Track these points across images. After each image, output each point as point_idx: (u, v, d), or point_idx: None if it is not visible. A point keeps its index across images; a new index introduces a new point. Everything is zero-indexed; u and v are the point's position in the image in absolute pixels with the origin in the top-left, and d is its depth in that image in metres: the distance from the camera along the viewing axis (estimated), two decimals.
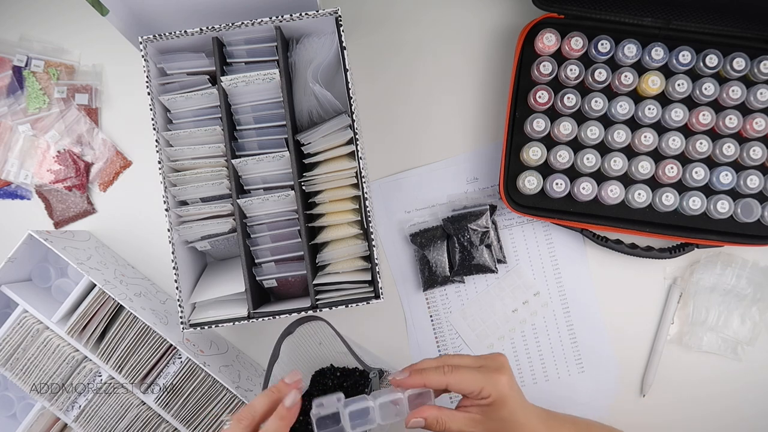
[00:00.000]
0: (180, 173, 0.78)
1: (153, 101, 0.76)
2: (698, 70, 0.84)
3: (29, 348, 0.80)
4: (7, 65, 0.91)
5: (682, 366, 0.90)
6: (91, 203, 0.92)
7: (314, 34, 0.81)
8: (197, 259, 0.85)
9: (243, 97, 0.78)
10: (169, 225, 0.76)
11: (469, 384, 0.63)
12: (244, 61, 0.79)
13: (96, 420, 0.81)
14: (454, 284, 0.91)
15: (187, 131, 0.77)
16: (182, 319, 0.76)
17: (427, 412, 0.62)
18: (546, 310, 0.91)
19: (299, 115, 0.82)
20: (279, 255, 0.79)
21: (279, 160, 0.77)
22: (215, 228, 0.79)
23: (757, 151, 0.82)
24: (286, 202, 0.78)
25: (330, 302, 0.75)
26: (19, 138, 0.91)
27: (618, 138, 0.83)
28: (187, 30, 0.75)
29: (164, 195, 0.76)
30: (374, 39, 0.92)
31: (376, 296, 0.75)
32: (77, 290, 0.79)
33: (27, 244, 0.80)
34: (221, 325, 0.75)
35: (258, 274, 0.79)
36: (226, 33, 0.76)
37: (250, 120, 0.79)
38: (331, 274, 0.77)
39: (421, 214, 0.91)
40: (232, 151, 0.77)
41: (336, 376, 0.78)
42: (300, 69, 0.81)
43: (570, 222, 0.86)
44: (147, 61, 0.76)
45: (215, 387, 0.81)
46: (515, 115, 0.86)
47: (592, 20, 0.84)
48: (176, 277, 0.75)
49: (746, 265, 0.89)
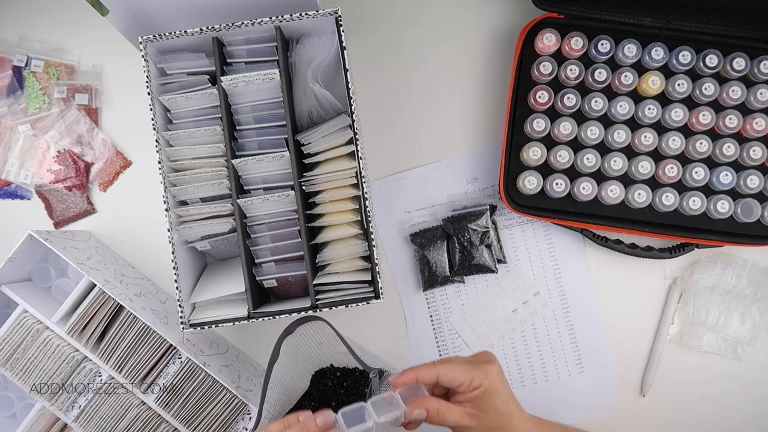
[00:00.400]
0: (180, 173, 0.78)
1: (153, 101, 0.76)
2: (698, 70, 0.84)
3: (29, 348, 0.80)
4: (7, 65, 0.91)
5: (682, 366, 0.90)
6: (91, 203, 0.92)
7: (314, 34, 0.81)
8: (197, 259, 0.85)
9: (243, 97, 0.78)
10: (169, 225, 0.76)
11: (459, 374, 0.63)
12: (244, 61, 0.79)
13: (96, 420, 0.81)
14: (454, 284, 0.91)
15: (187, 131, 0.77)
16: (182, 319, 0.76)
17: (429, 403, 0.62)
18: (546, 310, 0.91)
19: (299, 115, 0.82)
20: (279, 255, 0.79)
21: (279, 160, 0.77)
22: (215, 228, 0.79)
23: (757, 151, 0.82)
24: (286, 202, 0.78)
25: (330, 302, 0.75)
26: (19, 138, 0.91)
27: (618, 138, 0.83)
28: (187, 30, 0.75)
29: (164, 195, 0.76)
30: (374, 39, 0.92)
31: (376, 296, 0.75)
32: (77, 290, 0.79)
33: (27, 244, 0.80)
34: (221, 325, 0.75)
35: (258, 274, 0.79)
36: (226, 33, 0.77)
37: (250, 120, 0.79)
38: (331, 274, 0.77)
39: (421, 214, 0.91)
40: (232, 151, 0.77)
41: (336, 376, 0.78)
42: (300, 69, 0.81)
43: (570, 222, 0.86)
44: (147, 61, 0.76)
45: (215, 387, 0.81)
46: (515, 115, 0.86)
47: (592, 20, 0.84)
48: (176, 277, 0.75)
49: (746, 265, 0.89)
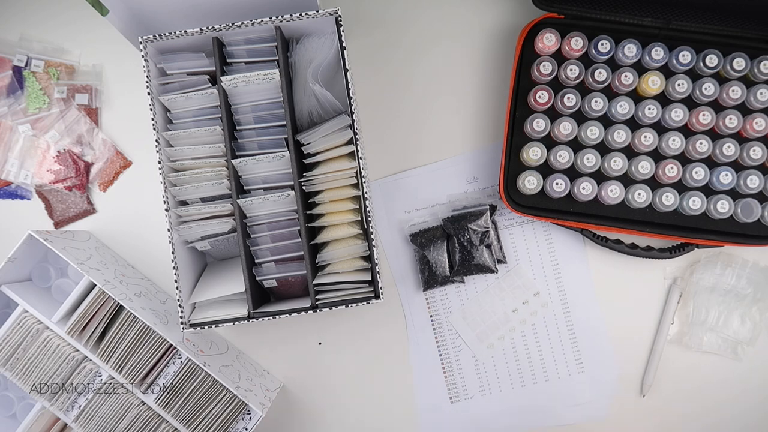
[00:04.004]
0: (180, 173, 0.78)
1: (153, 101, 0.76)
2: (698, 70, 0.84)
3: (29, 348, 0.80)
4: (7, 65, 0.91)
5: (682, 366, 0.90)
6: (91, 203, 0.92)
7: (314, 34, 0.81)
8: (197, 259, 0.85)
9: (243, 97, 0.78)
10: (169, 225, 0.76)
11: None
12: (244, 61, 0.79)
13: (96, 420, 0.81)
14: (454, 284, 0.91)
15: (187, 131, 0.77)
16: (182, 319, 0.76)
17: None
18: (546, 310, 0.91)
19: (299, 115, 0.82)
20: (279, 255, 0.79)
21: (279, 160, 0.77)
22: (215, 228, 0.79)
23: (757, 151, 0.82)
24: (286, 202, 0.78)
25: (330, 302, 0.75)
26: (19, 138, 0.91)
27: (618, 138, 0.83)
28: (187, 30, 0.75)
29: (164, 195, 0.76)
30: (374, 39, 0.92)
31: (376, 296, 0.75)
32: (77, 290, 0.79)
33: (27, 244, 0.80)
34: (221, 325, 0.75)
35: (258, 274, 0.79)
36: (226, 33, 0.76)
37: (250, 120, 0.79)
38: (331, 274, 0.77)
39: (421, 214, 0.91)
40: (232, 151, 0.77)
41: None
42: (300, 69, 0.81)
43: (570, 222, 0.86)
44: (147, 61, 0.76)
45: (215, 387, 0.81)
46: (515, 115, 0.86)
47: (592, 20, 0.84)
48: (176, 277, 0.75)
49: (746, 265, 0.89)
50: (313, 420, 0.92)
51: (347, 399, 0.92)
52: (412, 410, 0.92)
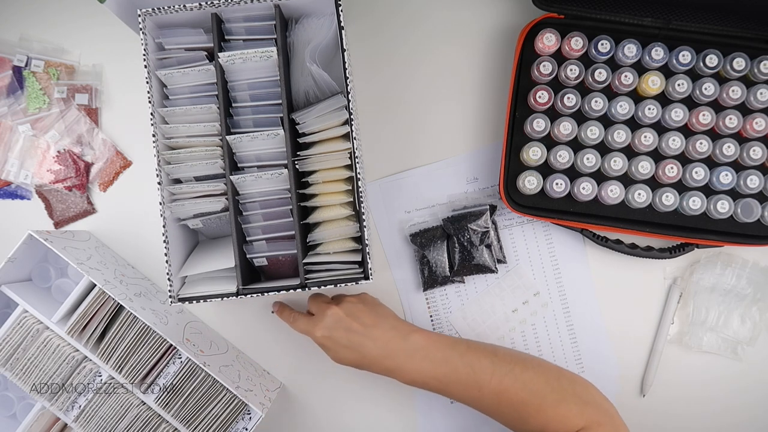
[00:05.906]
0: (174, 151, 0.77)
1: (150, 75, 0.75)
2: (698, 70, 0.84)
3: (29, 348, 0.80)
4: (7, 65, 0.91)
5: (682, 366, 0.90)
6: (91, 203, 0.92)
7: (313, 14, 0.80)
8: (188, 237, 0.84)
9: (240, 74, 0.77)
10: (162, 199, 0.75)
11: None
12: (242, 38, 0.78)
13: (96, 420, 0.81)
14: (454, 284, 0.91)
15: (183, 108, 0.76)
16: (171, 293, 0.75)
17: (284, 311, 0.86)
18: (546, 310, 0.91)
19: (296, 94, 0.81)
20: (270, 233, 0.79)
21: (273, 139, 0.76)
22: (207, 206, 0.78)
23: (757, 151, 0.82)
24: (279, 181, 0.77)
25: (319, 281, 0.75)
26: (19, 138, 0.91)
27: (618, 138, 0.83)
28: (186, 5, 0.74)
29: (157, 169, 0.75)
30: (372, 40, 0.92)
31: (365, 277, 0.74)
32: (77, 290, 0.79)
33: (27, 244, 0.80)
34: (210, 300, 0.74)
35: (249, 252, 0.78)
36: (226, 9, 0.76)
37: (246, 97, 0.78)
38: (322, 254, 0.77)
39: (421, 214, 0.91)
40: (227, 127, 0.76)
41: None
42: (298, 49, 0.81)
43: (570, 222, 0.86)
44: (145, 34, 0.75)
45: (215, 387, 0.81)
46: (515, 115, 0.86)
47: (592, 20, 0.84)
48: (166, 251, 0.75)
49: (746, 265, 0.89)
50: (313, 420, 0.92)
51: (347, 399, 0.92)
52: (412, 410, 0.92)
